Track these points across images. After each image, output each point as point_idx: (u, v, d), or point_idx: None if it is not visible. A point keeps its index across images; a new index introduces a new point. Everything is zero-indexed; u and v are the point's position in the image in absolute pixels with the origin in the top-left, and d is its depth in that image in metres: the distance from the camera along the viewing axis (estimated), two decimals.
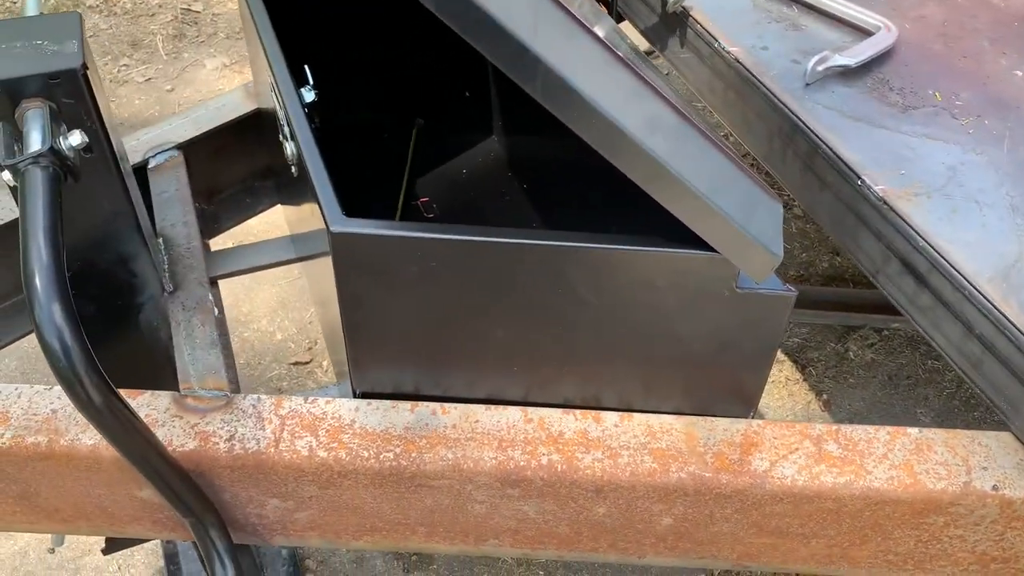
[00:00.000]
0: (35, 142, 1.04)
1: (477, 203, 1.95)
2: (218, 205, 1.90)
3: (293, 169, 1.33)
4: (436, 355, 1.23)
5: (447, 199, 1.94)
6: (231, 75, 3.78)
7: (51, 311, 0.94)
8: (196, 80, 3.76)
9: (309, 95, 1.33)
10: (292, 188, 1.58)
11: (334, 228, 1.05)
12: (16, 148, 1.07)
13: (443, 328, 1.19)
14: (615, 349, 1.20)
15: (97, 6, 4.16)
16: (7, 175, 1.04)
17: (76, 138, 1.07)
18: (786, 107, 1.56)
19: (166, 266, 1.46)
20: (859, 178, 1.41)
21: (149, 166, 1.66)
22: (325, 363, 2.66)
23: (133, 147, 1.68)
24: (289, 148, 1.29)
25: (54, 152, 1.03)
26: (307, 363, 2.66)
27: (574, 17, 0.94)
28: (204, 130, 1.72)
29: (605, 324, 1.16)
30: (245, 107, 1.78)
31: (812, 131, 1.51)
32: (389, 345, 1.21)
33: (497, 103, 2.08)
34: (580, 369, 1.24)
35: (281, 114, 1.31)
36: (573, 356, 1.22)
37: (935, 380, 2.70)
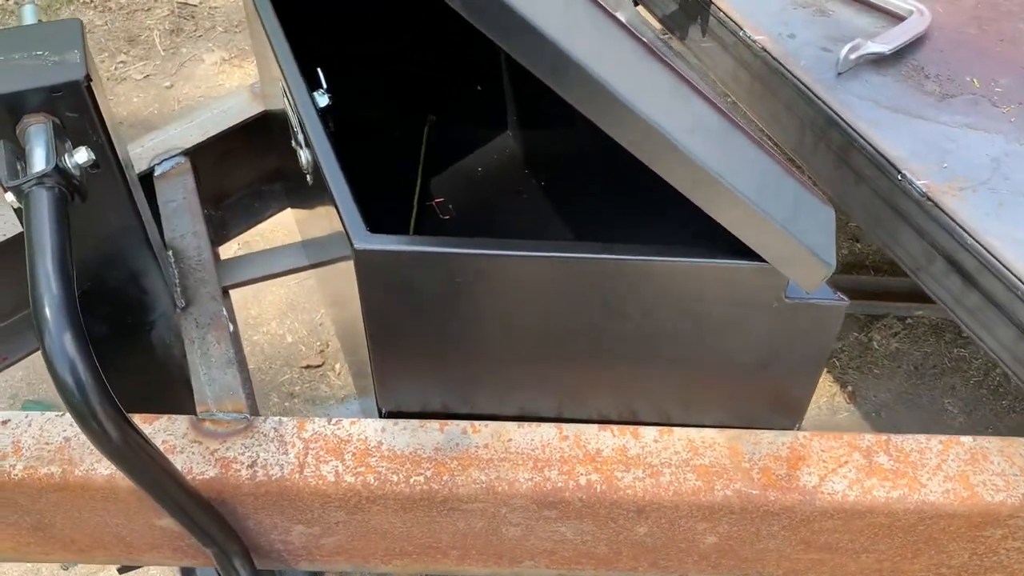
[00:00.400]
0: (39, 161, 0.98)
1: (494, 202, 1.89)
2: (226, 211, 1.84)
3: (308, 177, 1.27)
4: (465, 371, 1.17)
5: (463, 198, 1.87)
6: (231, 69, 3.71)
7: (62, 342, 0.88)
8: (195, 76, 3.69)
9: (323, 99, 1.27)
10: (305, 194, 1.52)
11: (358, 245, 0.99)
12: (19, 167, 1.01)
13: (473, 344, 1.13)
14: (654, 362, 1.14)
15: (92, 2, 4.08)
16: (10, 196, 0.98)
17: (83, 155, 1.00)
18: (818, 98, 1.50)
19: (177, 280, 1.40)
20: (900, 172, 1.35)
21: (155, 174, 1.60)
22: (338, 366, 2.60)
23: (138, 154, 1.62)
24: (304, 156, 1.23)
25: (59, 171, 0.97)
26: (319, 366, 2.60)
27: (608, 13, 0.88)
28: (210, 135, 1.66)
29: (644, 337, 1.10)
30: (251, 109, 1.72)
31: (847, 123, 1.44)
32: (416, 362, 1.16)
33: (511, 97, 2.01)
34: (617, 383, 1.18)
35: (294, 119, 1.24)
36: (609, 370, 1.16)
37: (961, 368, 2.64)
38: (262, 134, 1.73)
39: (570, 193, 1.85)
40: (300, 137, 1.23)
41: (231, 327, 1.35)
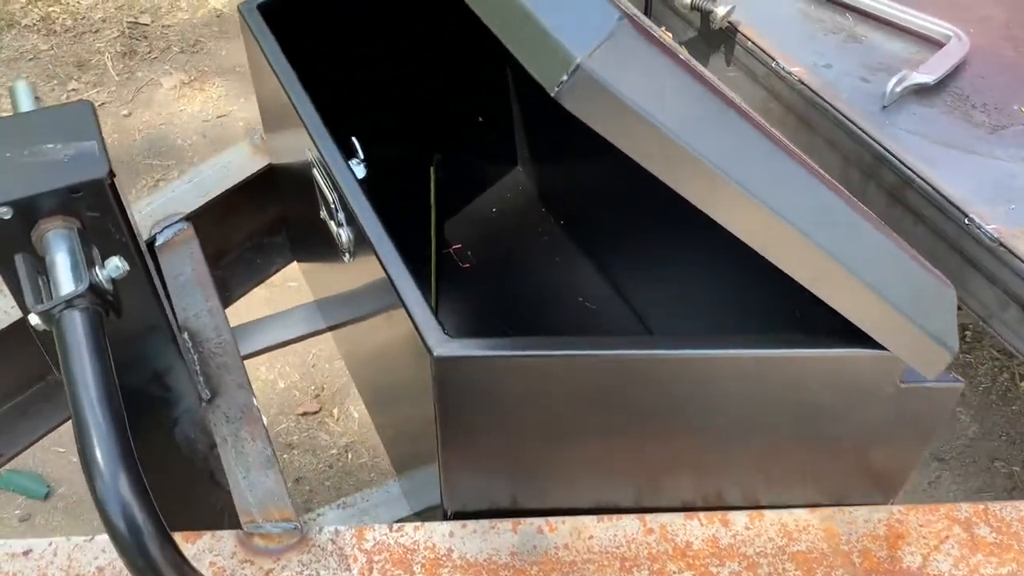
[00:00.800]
0: (67, 279, 0.86)
1: (514, 245, 1.79)
2: (226, 269, 1.71)
3: (346, 256, 1.16)
4: (542, 468, 1.08)
5: (480, 244, 1.77)
6: (192, 93, 3.53)
7: (116, 486, 0.77)
8: (154, 101, 3.50)
9: (360, 170, 1.15)
10: (320, 252, 1.40)
11: (438, 352, 0.89)
12: (41, 282, 0.88)
13: (554, 441, 1.04)
14: (749, 451, 1.06)
15: (34, 24, 3.85)
16: (35, 319, 0.86)
17: (115, 267, 0.88)
18: (866, 134, 1.43)
19: (198, 367, 1.28)
20: (966, 216, 1.29)
21: (157, 243, 1.47)
22: (336, 411, 2.48)
23: (136, 221, 1.48)
24: (345, 235, 1.12)
25: (92, 288, 0.85)
26: (316, 412, 2.48)
27: (731, 101, 0.79)
28: (212, 196, 1.52)
29: (740, 428, 1.02)
30: (254, 164, 1.59)
31: (901, 161, 1.38)
32: (489, 462, 1.06)
33: (521, 129, 1.91)
34: (703, 472, 1.10)
35: (331, 196, 1.13)
36: (698, 461, 1.08)
37: (968, 375, 2.62)
38: (266, 190, 1.60)
39: (592, 232, 1.76)
40: (340, 216, 1.11)
41: (264, 420, 1.23)
